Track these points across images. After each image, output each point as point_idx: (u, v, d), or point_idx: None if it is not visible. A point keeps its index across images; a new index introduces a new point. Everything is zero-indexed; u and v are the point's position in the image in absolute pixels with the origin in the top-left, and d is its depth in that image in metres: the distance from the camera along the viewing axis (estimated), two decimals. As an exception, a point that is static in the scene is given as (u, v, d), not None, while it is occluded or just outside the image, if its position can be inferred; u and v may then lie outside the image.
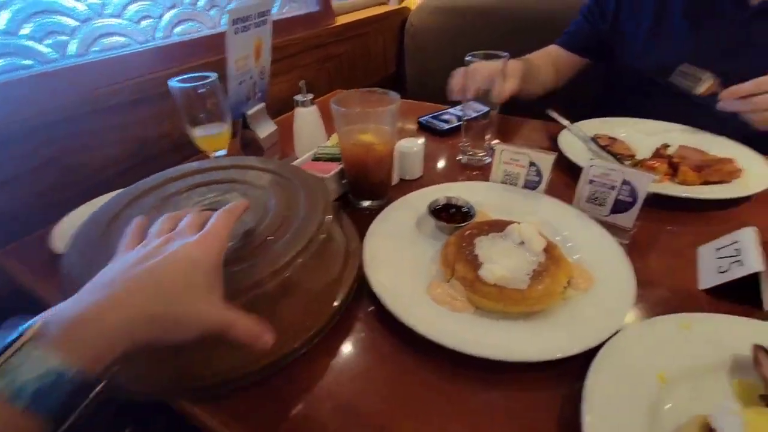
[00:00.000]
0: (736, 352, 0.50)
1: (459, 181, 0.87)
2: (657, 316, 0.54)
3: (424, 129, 1.20)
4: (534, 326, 0.55)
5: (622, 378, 0.48)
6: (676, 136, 1.00)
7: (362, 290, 0.63)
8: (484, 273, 0.57)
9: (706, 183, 0.84)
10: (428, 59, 1.82)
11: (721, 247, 0.66)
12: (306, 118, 0.97)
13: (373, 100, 0.76)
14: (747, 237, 0.64)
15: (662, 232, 0.76)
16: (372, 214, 0.77)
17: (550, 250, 0.63)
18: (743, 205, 0.82)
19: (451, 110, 1.25)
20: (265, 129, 1.11)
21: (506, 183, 0.85)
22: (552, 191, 0.82)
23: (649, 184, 0.69)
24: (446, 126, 1.16)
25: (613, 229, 0.72)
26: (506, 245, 0.64)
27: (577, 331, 0.53)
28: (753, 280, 0.59)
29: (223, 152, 0.91)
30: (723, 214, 0.80)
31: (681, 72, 0.98)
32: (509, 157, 0.81)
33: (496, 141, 0.99)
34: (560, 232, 0.72)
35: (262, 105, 1.10)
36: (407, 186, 0.89)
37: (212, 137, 0.86)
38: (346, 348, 0.57)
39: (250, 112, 1.06)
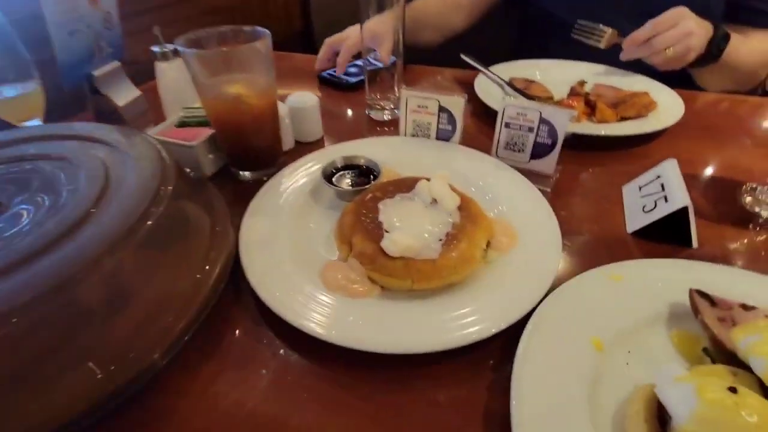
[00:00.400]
0: (671, 300, 0.44)
1: (364, 138, 0.74)
2: (585, 272, 0.46)
3: (327, 84, 1.04)
4: (452, 303, 0.44)
5: (553, 352, 0.39)
6: (591, 75, 0.95)
7: (242, 282, 0.48)
8: (387, 245, 0.45)
9: (623, 119, 0.79)
10: (337, 11, 1.63)
11: (645, 184, 0.61)
12: (168, 74, 0.77)
13: (240, 41, 0.59)
14: (669, 170, 0.59)
15: (585, 175, 0.70)
16: (259, 187, 0.61)
17: (466, 206, 0.53)
18: (660, 138, 0.78)
19: (358, 62, 1.10)
20: (125, 94, 0.88)
21: (417, 135, 0.73)
22: (469, 142, 0.72)
23: (569, 121, 0.61)
24: (353, 80, 1.01)
25: (534, 177, 0.64)
26: (415, 207, 0.52)
27: (500, 304, 0.44)
28: (680, 215, 0.53)
29: (35, 122, 0.68)
30: (643, 150, 0.75)
31: (580, 28, 0.95)
32: (417, 104, 0.69)
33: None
34: (478, 185, 0.62)
35: (115, 64, 0.87)
36: (305, 150, 0.73)
37: (14, 102, 0.63)
38: (219, 358, 0.43)
39: (97, 72, 0.83)
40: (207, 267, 0.46)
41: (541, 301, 0.43)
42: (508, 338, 0.43)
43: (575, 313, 0.42)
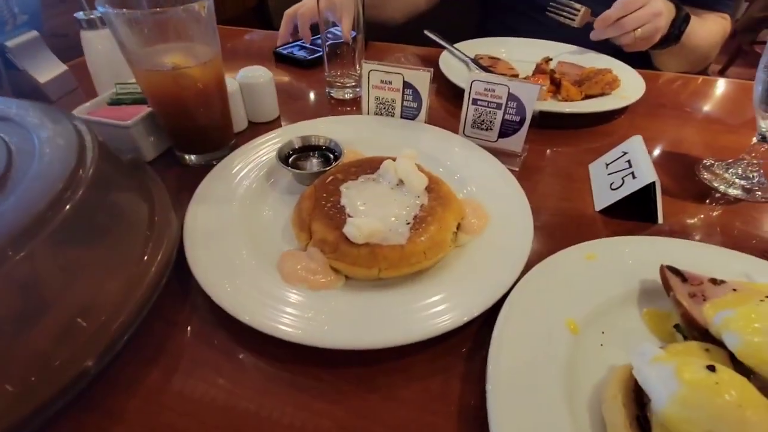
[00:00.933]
0: (643, 277, 0.43)
1: (324, 117, 0.69)
2: (558, 252, 0.45)
3: (284, 62, 0.97)
4: (422, 292, 0.41)
5: (528, 337, 0.37)
6: (555, 52, 0.94)
7: (190, 277, 0.43)
8: (350, 231, 0.41)
9: (588, 97, 0.78)
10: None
11: (611, 162, 0.60)
12: (96, 45, 0.68)
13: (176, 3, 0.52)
14: (635, 147, 0.58)
15: (551, 153, 0.69)
16: (208, 172, 0.55)
17: (435, 187, 0.49)
18: (624, 116, 0.79)
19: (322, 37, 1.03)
20: (47, 69, 0.78)
21: (381, 114, 0.69)
22: (435, 121, 0.69)
23: (537, 96, 0.59)
24: (312, 55, 0.95)
25: (502, 156, 0.62)
26: (380, 189, 0.49)
27: (472, 291, 0.41)
28: (646, 192, 0.53)
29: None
30: (607, 128, 0.75)
31: (555, 6, 0.94)
32: (380, 79, 0.65)
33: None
34: (446, 165, 0.59)
35: (32, 34, 0.76)
36: (261, 131, 0.67)
37: None
38: (163, 364, 0.38)
39: (11, 42, 0.72)
40: (144, 261, 0.40)
41: (514, 284, 0.41)
42: (481, 324, 0.41)
43: (549, 295, 0.40)
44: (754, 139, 0.58)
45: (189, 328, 0.41)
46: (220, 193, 0.52)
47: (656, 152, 0.70)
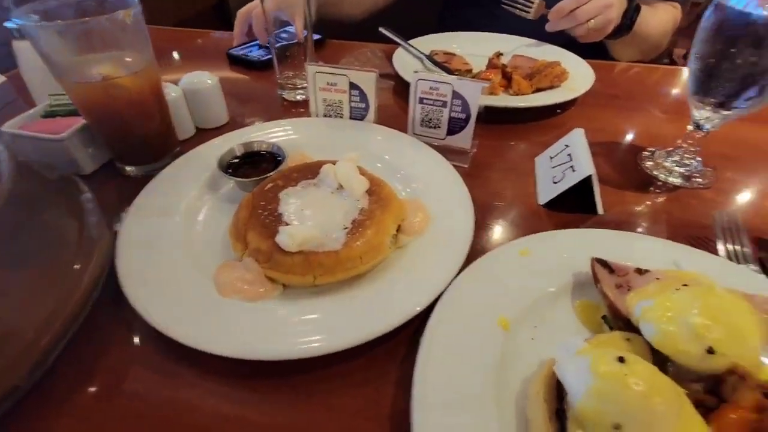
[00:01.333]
0: (576, 270, 0.44)
1: (273, 121, 0.68)
2: (493, 250, 0.45)
3: (237, 64, 0.95)
4: (359, 296, 0.41)
5: (459, 338, 0.37)
6: (509, 46, 0.95)
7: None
8: (282, 239, 0.41)
9: (538, 90, 0.79)
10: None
11: (555, 155, 0.61)
12: (29, 54, 0.65)
13: (105, 13, 0.50)
14: (576, 139, 0.59)
15: (502, 148, 0.70)
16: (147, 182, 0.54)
17: (376, 190, 0.49)
18: (574, 107, 0.80)
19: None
20: (-19, 81, 0.74)
21: (330, 116, 0.68)
22: (388, 120, 0.69)
23: (481, 93, 0.59)
24: (266, 56, 0.93)
25: (452, 154, 0.63)
26: (320, 194, 0.48)
27: (408, 293, 0.41)
28: (585, 184, 0.54)
29: None
30: (556, 120, 0.76)
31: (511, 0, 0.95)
32: (325, 81, 0.64)
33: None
34: (392, 165, 0.59)
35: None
36: (209, 137, 0.65)
37: None
38: (97, 378, 0.37)
39: (-63, 55, 0.69)
40: (74, 277, 0.39)
41: (451, 282, 0.41)
42: (418, 326, 0.41)
43: (482, 294, 0.41)
44: (689, 127, 0.60)
45: (123, 343, 0.41)
46: (158, 204, 0.51)
47: (603, 143, 0.71)
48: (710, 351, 0.32)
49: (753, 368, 0.33)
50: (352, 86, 0.64)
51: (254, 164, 0.57)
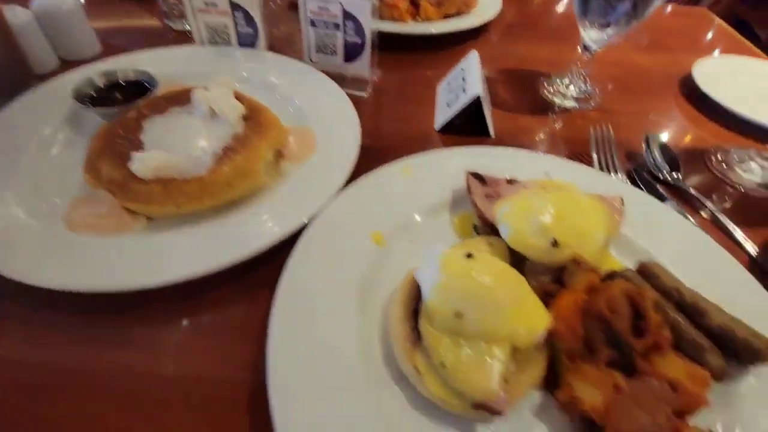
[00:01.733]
0: (456, 186, 0.44)
1: (151, 50, 0.61)
2: (375, 169, 0.45)
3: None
4: (230, 221, 0.40)
5: (329, 252, 0.37)
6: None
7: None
8: (136, 167, 0.37)
9: (446, 17, 0.76)
10: None
11: (452, 80, 0.60)
12: None
13: None
14: (471, 63, 0.58)
15: (405, 77, 0.67)
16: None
17: (254, 115, 0.46)
18: (480, 37, 0.78)
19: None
20: None
21: (217, 43, 0.62)
22: (288, 49, 0.64)
23: (371, 12, 0.56)
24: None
25: (353, 83, 0.60)
26: (191, 121, 0.44)
27: (283, 214, 0.40)
28: (478, 107, 0.54)
29: None
30: (463, 48, 0.75)
31: None
32: (202, 0, 0.58)
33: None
34: (281, 93, 0.56)
35: None
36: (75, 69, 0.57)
37: None
38: None
39: None
40: None
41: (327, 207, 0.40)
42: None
43: (359, 212, 0.40)
44: (579, 49, 0.61)
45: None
46: (4, 143, 0.45)
47: (505, 69, 0.71)
48: (554, 244, 0.34)
49: (595, 259, 0.36)
50: (234, 6, 0.58)
51: (125, 95, 0.51)
